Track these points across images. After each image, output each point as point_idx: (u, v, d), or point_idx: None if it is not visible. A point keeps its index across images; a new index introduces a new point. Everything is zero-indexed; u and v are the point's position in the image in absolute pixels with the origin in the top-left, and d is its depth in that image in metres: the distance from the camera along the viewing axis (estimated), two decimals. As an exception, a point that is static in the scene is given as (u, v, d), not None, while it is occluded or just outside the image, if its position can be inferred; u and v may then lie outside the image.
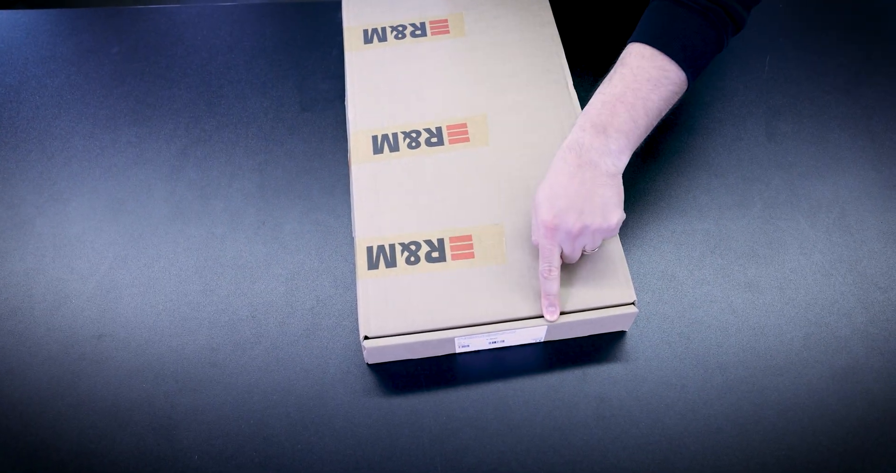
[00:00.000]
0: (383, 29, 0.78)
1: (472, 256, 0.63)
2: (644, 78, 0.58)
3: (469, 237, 0.64)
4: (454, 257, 0.62)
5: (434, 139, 0.69)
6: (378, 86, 0.74)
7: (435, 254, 0.63)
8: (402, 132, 0.70)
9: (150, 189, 0.76)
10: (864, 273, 0.68)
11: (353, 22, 0.79)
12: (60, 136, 0.81)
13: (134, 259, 0.71)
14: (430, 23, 0.78)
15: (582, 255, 0.61)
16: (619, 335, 0.65)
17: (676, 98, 0.61)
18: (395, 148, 0.69)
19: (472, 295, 0.61)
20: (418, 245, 0.63)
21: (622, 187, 0.59)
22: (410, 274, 0.62)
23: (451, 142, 0.69)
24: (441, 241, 0.63)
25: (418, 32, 0.77)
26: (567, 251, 0.59)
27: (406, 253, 0.63)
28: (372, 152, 0.69)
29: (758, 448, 0.59)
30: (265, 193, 0.75)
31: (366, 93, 0.74)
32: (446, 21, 0.78)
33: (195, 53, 0.88)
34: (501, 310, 0.60)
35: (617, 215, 0.58)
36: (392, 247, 0.63)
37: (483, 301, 0.60)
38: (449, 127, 0.70)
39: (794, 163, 0.75)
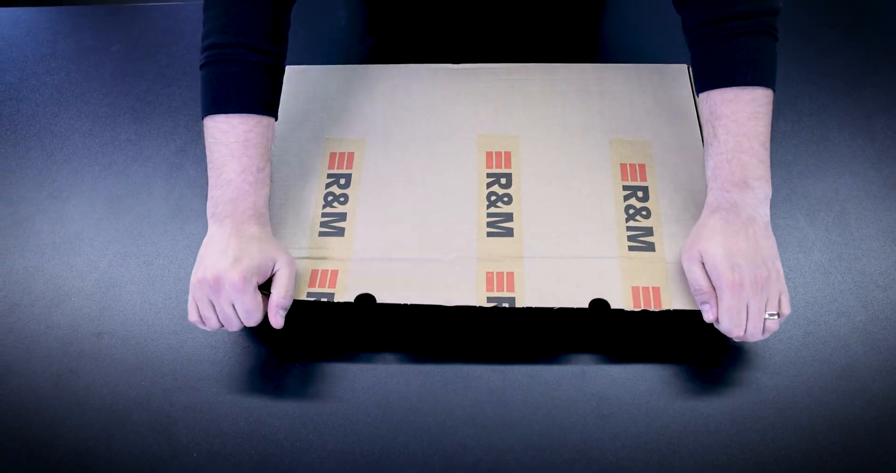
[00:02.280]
0: (324, 208, 0.68)
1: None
2: (744, 118, 0.59)
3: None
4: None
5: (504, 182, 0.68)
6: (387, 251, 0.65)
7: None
8: (487, 212, 0.67)
9: (149, 187, 0.76)
10: (864, 272, 0.68)
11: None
12: (60, 133, 0.81)
13: (133, 257, 0.71)
14: (333, 172, 0.70)
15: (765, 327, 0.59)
16: (617, 332, 0.65)
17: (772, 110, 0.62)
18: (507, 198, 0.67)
19: None
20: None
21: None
22: None
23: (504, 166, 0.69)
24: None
25: (342, 181, 0.69)
26: (753, 310, 0.57)
27: None
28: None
29: (756, 446, 0.59)
30: (264, 191, 0.75)
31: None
32: (344, 154, 0.71)
33: (195, 51, 0.88)
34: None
35: (779, 263, 0.59)
36: None
37: None
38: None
39: (793, 162, 0.75)
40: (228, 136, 0.61)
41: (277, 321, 0.60)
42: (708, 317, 0.59)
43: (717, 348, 0.64)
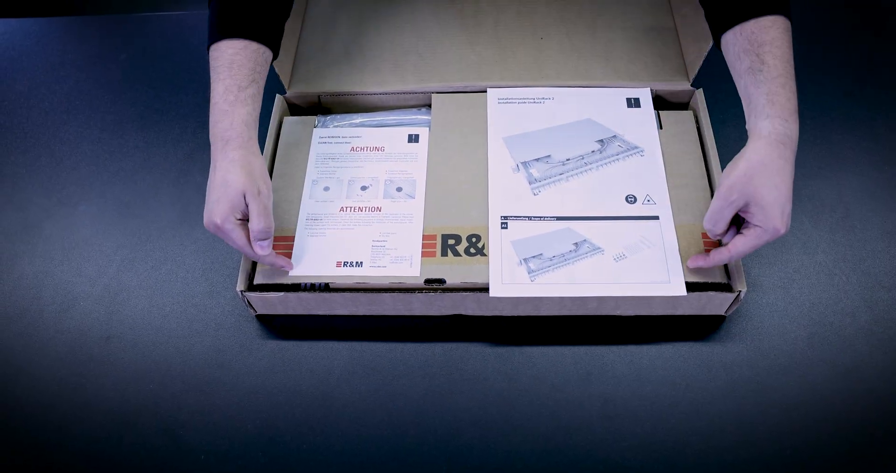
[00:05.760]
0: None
1: None
2: (786, 45, 0.58)
3: None
4: None
5: None
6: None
7: None
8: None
9: (157, 193, 0.77)
10: (868, 272, 0.68)
11: None
12: (69, 141, 0.82)
13: (141, 262, 0.72)
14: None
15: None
16: (622, 333, 0.65)
17: None
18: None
19: None
20: None
21: None
22: None
23: None
24: None
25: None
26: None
27: None
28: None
29: (762, 447, 0.59)
30: (271, 196, 0.75)
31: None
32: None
33: (201, 59, 0.88)
34: None
35: None
36: None
37: None
38: None
39: (797, 163, 0.75)
40: (217, 61, 0.62)
41: (258, 251, 0.61)
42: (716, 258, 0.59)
43: (724, 350, 0.64)
